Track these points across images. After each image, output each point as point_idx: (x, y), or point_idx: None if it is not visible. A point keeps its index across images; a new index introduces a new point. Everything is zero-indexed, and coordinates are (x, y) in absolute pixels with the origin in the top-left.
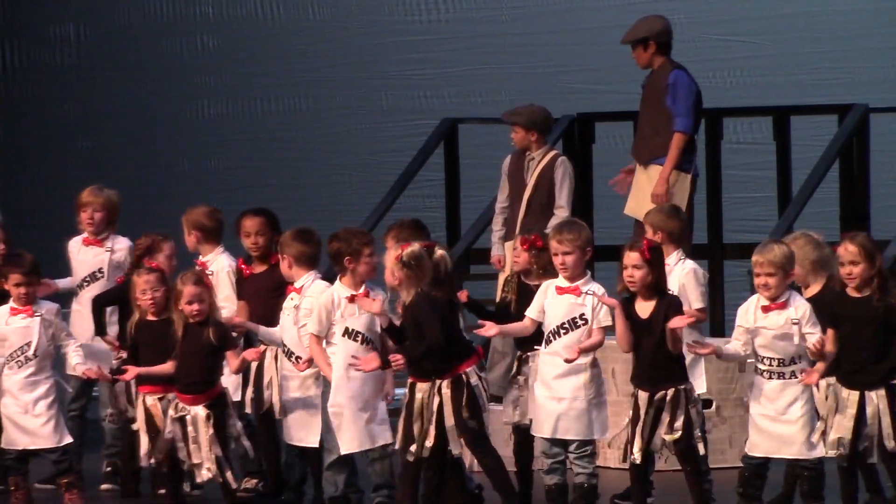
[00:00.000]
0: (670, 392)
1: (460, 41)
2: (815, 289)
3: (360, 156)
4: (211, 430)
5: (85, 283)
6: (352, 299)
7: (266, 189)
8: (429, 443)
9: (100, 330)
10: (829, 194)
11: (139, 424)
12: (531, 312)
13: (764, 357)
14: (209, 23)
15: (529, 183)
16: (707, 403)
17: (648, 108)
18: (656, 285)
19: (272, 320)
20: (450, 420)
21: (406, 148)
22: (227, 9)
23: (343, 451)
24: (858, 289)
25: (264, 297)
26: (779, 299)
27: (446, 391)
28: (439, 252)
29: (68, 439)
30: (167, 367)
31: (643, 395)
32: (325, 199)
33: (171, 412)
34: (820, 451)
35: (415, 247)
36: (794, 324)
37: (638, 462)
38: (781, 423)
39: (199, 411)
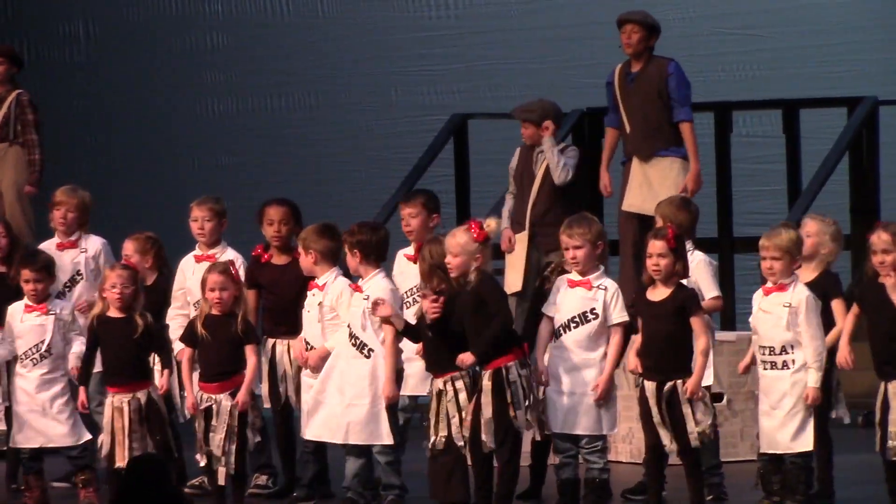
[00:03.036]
0: (679, 383)
1: (470, 37)
2: (810, 275)
3: (369, 151)
4: (234, 420)
5: (66, 289)
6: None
7: (275, 185)
8: (465, 432)
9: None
10: (839, 187)
11: (105, 424)
12: (546, 309)
13: (760, 346)
14: (218, 20)
15: (538, 174)
16: (718, 397)
17: (643, 101)
18: (677, 274)
19: (293, 313)
20: (487, 413)
21: (416, 143)
22: (237, 6)
23: (308, 437)
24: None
25: (285, 288)
26: (781, 283)
27: (487, 383)
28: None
29: (87, 436)
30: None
31: (650, 386)
32: (335, 194)
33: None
34: (805, 445)
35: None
36: (786, 307)
37: (674, 451)
38: (774, 416)
39: (224, 400)
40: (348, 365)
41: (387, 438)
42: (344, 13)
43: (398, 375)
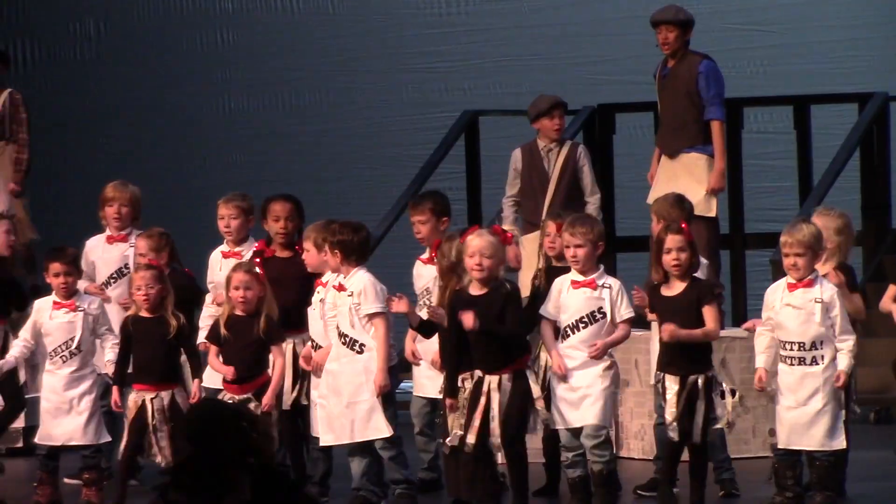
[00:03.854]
0: (701, 379)
1: (481, 33)
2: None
3: (381, 148)
4: None
5: (112, 281)
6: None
7: (287, 183)
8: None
9: None
10: (850, 183)
11: (128, 420)
12: (547, 311)
13: (785, 342)
14: (229, 17)
15: (553, 173)
16: (730, 393)
17: (673, 97)
18: (691, 268)
19: (296, 310)
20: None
21: (426, 140)
22: (248, 4)
23: (322, 444)
24: None
25: (289, 283)
26: (807, 278)
27: (508, 384)
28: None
29: (106, 438)
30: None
31: (671, 380)
32: (346, 191)
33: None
34: (840, 443)
35: None
36: (817, 302)
37: (676, 440)
38: (802, 413)
39: (250, 402)
40: (341, 365)
41: (386, 431)
42: (355, 10)
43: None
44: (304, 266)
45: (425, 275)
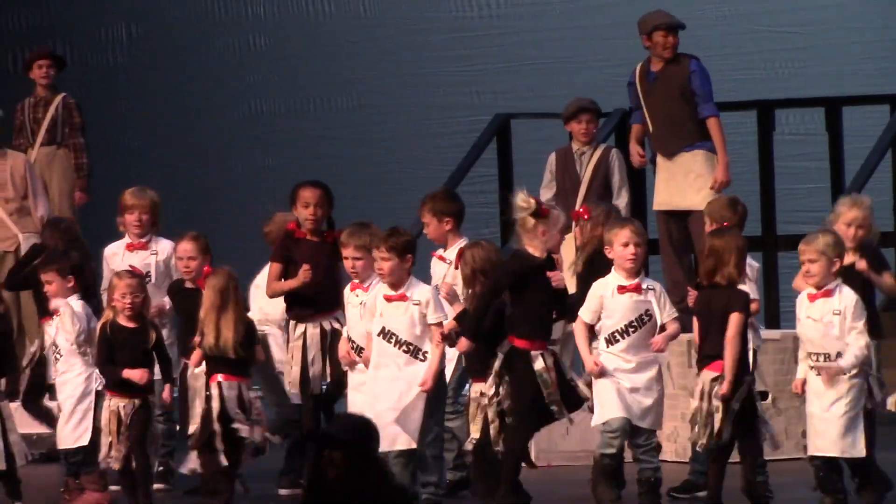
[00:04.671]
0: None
1: (511, 36)
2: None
3: (412, 152)
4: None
5: None
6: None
7: None
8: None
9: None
10: (882, 184)
11: (105, 426)
12: (586, 315)
13: (811, 353)
14: (260, 22)
15: (585, 176)
16: (763, 395)
17: (666, 99)
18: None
19: (323, 294)
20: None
21: (456, 144)
22: (279, 7)
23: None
24: None
25: (318, 267)
26: (825, 288)
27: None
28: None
29: (83, 443)
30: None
31: (706, 376)
32: (377, 196)
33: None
34: (860, 451)
35: None
36: (836, 314)
37: (725, 441)
38: (825, 420)
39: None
40: (401, 372)
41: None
42: (385, 14)
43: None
44: (332, 251)
45: (437, 273)
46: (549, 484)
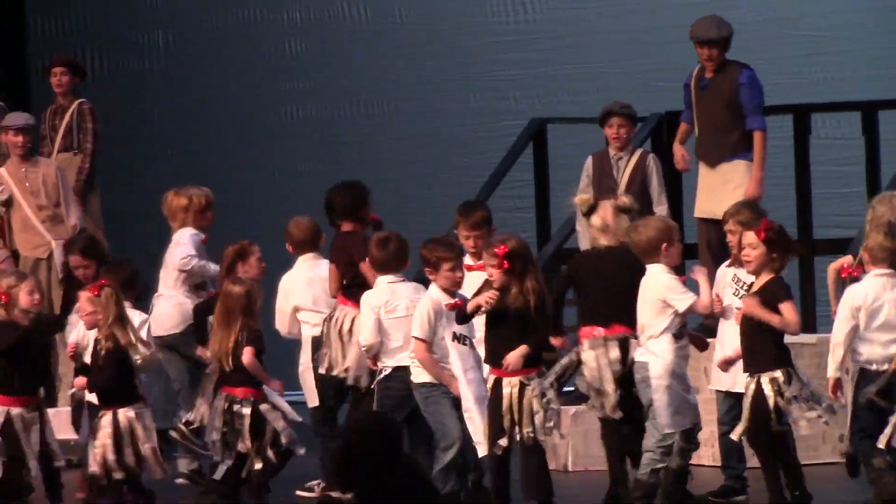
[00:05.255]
0: (766, 379)
1: (546, 41)
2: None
3: (448, 157)
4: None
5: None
6: (451, 307)
7: None
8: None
9: (201, 340)
10: None
11: (105, 437)
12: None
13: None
14: (296, 27)
15: (622, 181)
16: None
17: (713, 108)
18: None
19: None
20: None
21: (492, 149)
22: (315, 13)
23: (480, 454)
24: None
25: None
26: None
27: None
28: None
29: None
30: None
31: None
32: (413, 201)
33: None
34: None
35: None
36: None
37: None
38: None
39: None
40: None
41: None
42: (421, 19)
43: None
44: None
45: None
46: (586, 487)
